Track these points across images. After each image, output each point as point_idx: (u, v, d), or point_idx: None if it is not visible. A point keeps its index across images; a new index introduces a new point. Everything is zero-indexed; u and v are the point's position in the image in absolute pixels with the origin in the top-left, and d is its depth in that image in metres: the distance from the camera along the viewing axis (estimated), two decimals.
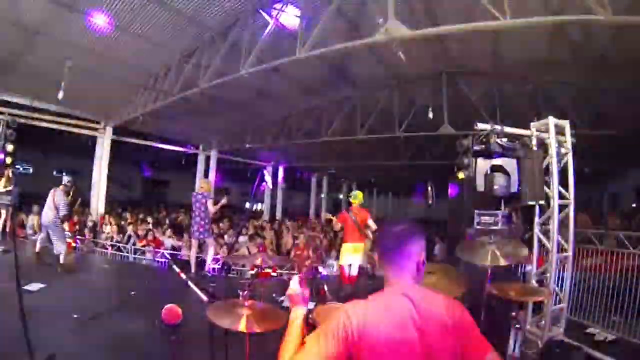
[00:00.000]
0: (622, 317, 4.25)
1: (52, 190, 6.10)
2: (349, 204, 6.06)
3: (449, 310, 1.25)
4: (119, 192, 20.19)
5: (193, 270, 6.47)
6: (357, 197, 5.95)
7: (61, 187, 6.11)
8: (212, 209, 6.36)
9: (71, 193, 6.37)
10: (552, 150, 3.90)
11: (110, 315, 4.21)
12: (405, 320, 1.19)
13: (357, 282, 5.82)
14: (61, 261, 5.93)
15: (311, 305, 3.36)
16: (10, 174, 7.06)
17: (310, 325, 2.48)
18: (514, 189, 3.77)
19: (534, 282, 4.01)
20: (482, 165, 3.88)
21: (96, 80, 8.18)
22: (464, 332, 1.24)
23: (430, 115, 8.85)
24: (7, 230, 7.74)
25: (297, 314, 1.40)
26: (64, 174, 6.53)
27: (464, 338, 1.23)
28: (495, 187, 3.73)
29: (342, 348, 1.16)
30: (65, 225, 6.52)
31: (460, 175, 4.17)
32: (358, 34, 6.00)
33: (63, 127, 9.78)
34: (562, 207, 3.96)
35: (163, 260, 7.92)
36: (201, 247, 7.11)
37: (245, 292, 2.29)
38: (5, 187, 7.21)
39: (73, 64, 7.15)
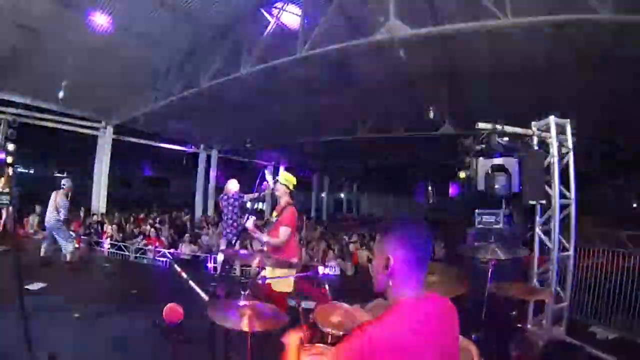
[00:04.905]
0: (624, 316, 4.24)
1: (53, 193, 6.22)
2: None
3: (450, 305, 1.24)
4: (119, 191, 20.19)
5: (219, 270, 6.45)
6: (286, 179, 3.85)
7: (61, 189, 6.18)
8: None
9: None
10: (554, 149, 3.90)
11: (111, 314, 4.21)
12: (434, 327, 1.11)
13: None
14: (67, 259, 6.01)
15: (312, 304, 3.36)
16: (10, 173, 7.08)
17: (311, 325, 2.48)
18: (515, 188, 3.76)
19: (535, 282, 4.00)
20: (483, 164, 3.88)
21: (97, 80, 8.17)
22: None
23: (431, 115, 8.84)
24: (8, 230, 7.76)
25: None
26: (64, 174, 6.58)
27: None
28: (496, 186, 3.73)
29: None
30: (71, 225, 6.58)
31: (461, 174, 4.17)
32: (359, 33, 5.99)
33: (64, 127, 9.78)
34: (563, 207, 3.96)
35: (165, 259, 7.90)
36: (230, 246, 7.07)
37: (247, 292, 2.28)
38: (4, 187, 7.22)
39: (74, 64, 7.15)
